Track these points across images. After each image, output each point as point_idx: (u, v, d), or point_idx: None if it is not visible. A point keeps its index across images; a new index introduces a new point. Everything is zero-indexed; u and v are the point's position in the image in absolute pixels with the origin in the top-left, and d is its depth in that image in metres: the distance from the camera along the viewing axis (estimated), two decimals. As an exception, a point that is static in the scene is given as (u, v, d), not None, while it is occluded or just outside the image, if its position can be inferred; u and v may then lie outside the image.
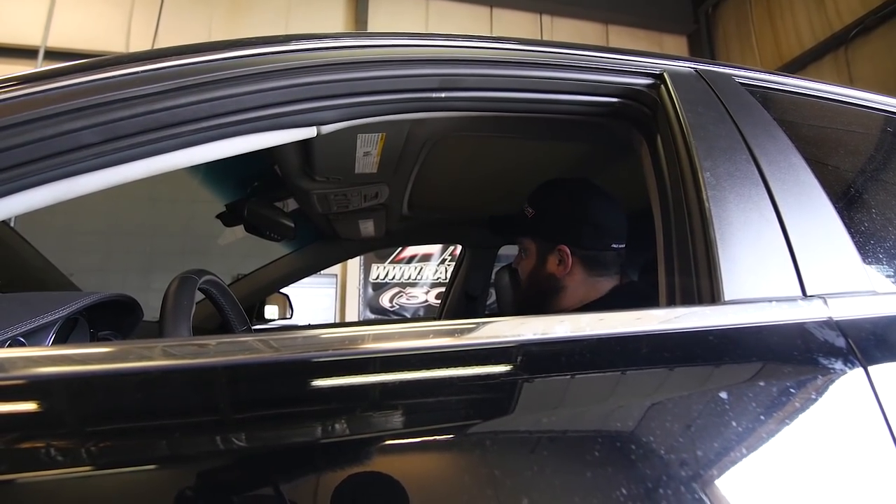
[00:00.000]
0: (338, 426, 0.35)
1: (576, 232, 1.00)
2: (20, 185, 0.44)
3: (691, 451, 0.34)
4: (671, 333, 0.41)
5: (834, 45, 4.65)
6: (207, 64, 0.52)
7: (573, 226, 1.01)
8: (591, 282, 0.99)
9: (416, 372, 0.38)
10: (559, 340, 0.39)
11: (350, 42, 0.60)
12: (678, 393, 0.38)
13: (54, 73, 0.48)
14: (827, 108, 0.78)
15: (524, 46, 0.69)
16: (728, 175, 0.54)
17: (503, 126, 0.90)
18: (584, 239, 1.00)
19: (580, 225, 1.01)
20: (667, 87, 0.67)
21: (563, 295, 0.99)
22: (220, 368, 0.37)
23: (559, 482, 0.32)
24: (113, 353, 0.38)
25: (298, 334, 0.41)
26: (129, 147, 0.48)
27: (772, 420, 0.37)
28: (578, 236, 1.00)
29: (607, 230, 1.00)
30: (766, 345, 0.42)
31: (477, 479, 0.33)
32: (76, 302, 0.53)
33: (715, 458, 0.35)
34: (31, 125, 0.44)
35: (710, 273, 0.47)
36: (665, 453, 0.34)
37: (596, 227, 1.01)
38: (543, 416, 0.36)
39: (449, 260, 5.55)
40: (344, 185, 1.15)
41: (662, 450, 0.34)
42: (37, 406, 0.34)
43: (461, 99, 0.65)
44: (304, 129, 0.60)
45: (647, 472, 0.33)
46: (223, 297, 0.88)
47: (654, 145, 0.66)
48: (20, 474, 0.31)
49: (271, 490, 0.32)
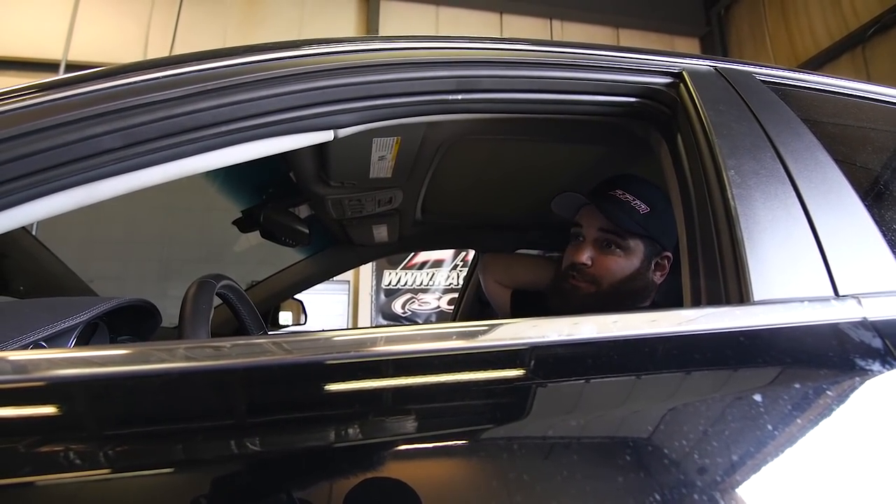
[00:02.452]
0: (352, 429, 0.34)
1: (676, 238, 0.91)
2: (42, 190, 0.45)
3: (726, 456, 0.33)
4: (701, 335, 0.40)
5: (850, 44, 4.58)
6: (227, 69, 0.52)
7: (676, 230, 0.91)
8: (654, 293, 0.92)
9: (431, 374, 0.38)
10: (585, 342, 0.38)
11: (367, 45, 0.60)
12: (710, 395, 0.36)
13: (75, 79, 0.48)
14: (850, 105, 0.76)
15: (540, 47, 0.68)
16: (753, 173, 0.53)
17: (519, 128, 0.89)
18: (674, 250, 0.89)
19: (676, 233, 0.92)
20: (686, 85, 0.66)
21: (643, 303, 0.89)
22: (239, 371, 0.36)
23: (590, 488, 0.31)
24: (130, 355, 0.37)
25: (313, 336, 0.40)
26: (149, 152, 0.48)
27: (810, 423, 0.35)
28: (676, 246, 0.91)
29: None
30: (801, 346, 0.41)
31: (498, 483, 0.32)
32: (97, 307, 0.54)
33: (752, 462, 0.33)
34: (52, 131, 0.44)
35: (738, 273, 0.45)
36: (699, 458, 0.33)
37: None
38: (570, 419, 0.35)
39: (461, 266, 5.54)
40: (358, 190, 1.15)
41: (696, 454, 0.33)
42: (57, 407, 0.34)
43: (477, 101, 0.65)
44: (321, 133, 0.60)
45: (680, 478, 0.32)
46: (240, 302, 0.88)
47: (675, 145, 0.65)
48: (40, 476, 0.31)
49: (286, 490, 0.32)
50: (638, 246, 0.87)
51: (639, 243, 0.87)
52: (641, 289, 0.88)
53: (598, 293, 0.86)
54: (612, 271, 0.86)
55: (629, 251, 0.87)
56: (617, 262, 0.86)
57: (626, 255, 0.87)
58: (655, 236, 0.87)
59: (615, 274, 0.86)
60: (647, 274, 0.88)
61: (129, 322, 0.66)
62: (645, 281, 0.88)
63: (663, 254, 0.89)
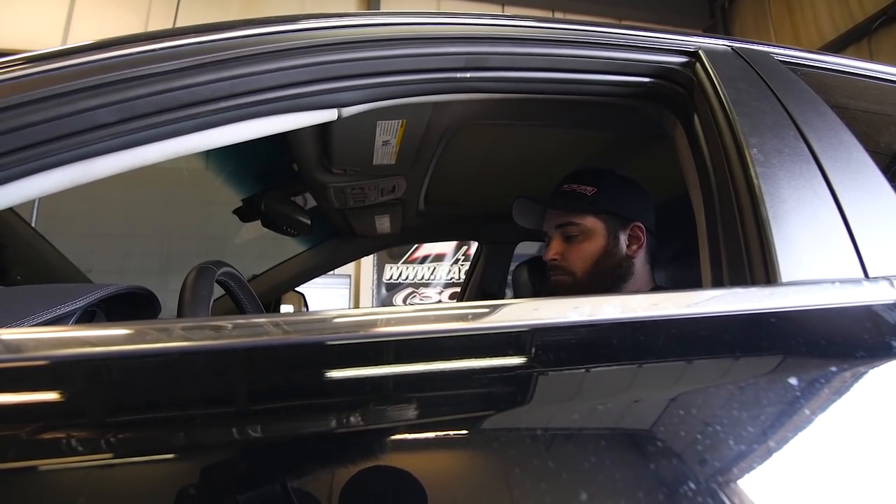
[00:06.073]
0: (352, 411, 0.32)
1: (648, 211, 0.93)
2: (35, 166, 0.43)
3: (763, 441, 0.31)
4: (730, 316, 0.38)
5: (856, 36, 4.53)
6: (226, 41, 0.50)
7: (644, 203, 0.94)
8: (646, 271, 0.93)
9: (433, 358, 0.36)
10: (608, 323, 0.36)
11: (373, 20, 0.58)
12: (744, 379, 0.34)
13: (69, 51, 0.46)
14: (871, 87, 0.74)
15: (551, 24, 0.66)
16: (777, 152, 0.51)
17: (526, 111, 0.87)
18: (650, 220, 0.93)
19: (648, 205, 0.94)
20: (703, 64, 0.64)
21: (631, 281, 0.90)
22: (240, 350, 0.34)
23: (619, 476, 0.29)
24: (127, 335, 0.35)
25: (313, 316, 0.39)
26: (146, 127, 0.46)
27: (850, 406, 0.33)
28: (650, 216, 0.93)
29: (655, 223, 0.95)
30: (834, 328, 0.39)
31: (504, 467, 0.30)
32: (94, 293, 0.52)
33: (790, 446, 0.31)
34: (44, 103, 0.42)
35: (764, 254, 0.43)
36: (734, 443, 0.31)
37: (655, 215, 0.95)
38: (597, 403, 0.33)
39: (462, 260, 5.52)
40: (361, 178, 1.13)
41: (731, 440, 0.31)
42: (53, 387, 0.32)
43: (487, 79, 0.62)
44: (324, 112, 0.57)
45: (716, 465, 0.30)
46: (241, 289, 0.86)
47: (691, 125, 0.62)
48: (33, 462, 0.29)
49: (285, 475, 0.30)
50: (596, 225, 0.90)
51: (596, 222, 0.90)
52: (616, 265, 0.89)
53: (577, 281, 0.89)
54: (581, 258, 0.89)
55: (589, 233, 0.90)
56: (582, 247, 0.89)
57: (588, 237, 0.89)
58: (611, 210, 0.90)
59: (585, 259, 0.89)
60: (618, 249, 0.90)
61: (128, 311, 0.64)
62: (618, 256, 0.90)
63: (631, 225, 0.91)
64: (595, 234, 0.89)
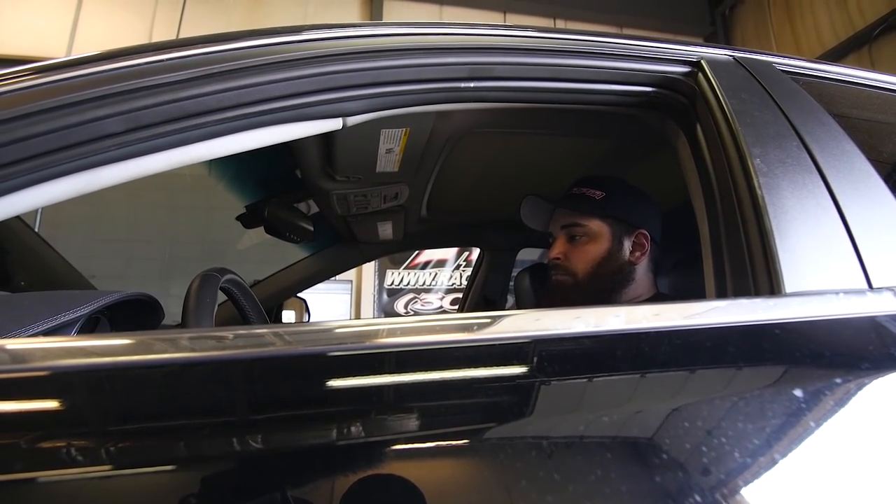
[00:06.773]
0: (353, 422, 0.32)
1: (654, 220, 0.94)
2: (42, 175, 0.43)
3: (768, 453, 0.31)
4: (733, 327, 0.38)
5: (856, 44, 4.54)
6: (233, 52, 0.50)
7: (651, 212, 0.94)
8: (649, 279, 0.93)
9: (436, 368, 0.36)
10: (611, 334, 0.36)
11: (376, 31, 0.59)
12: (748, 390, 0.34)
13: (77, 61, 0.46)
14: (874, 96, 0.74)
15: (554, 34, 0.66)
16: (779, 162, 0.51)
17: (530, 120, 0.88)
18: (656, 230, 0.93)
19: (655, 214, 0.95)
20: (705, 74, 0.64)
21: (631, 287, 0.90)
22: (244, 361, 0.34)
23: (626, 489, 0.29)
24: (131, 345, 0.36)
25: (315, 327, 0.39)
26: (152, 137, 0.46)
27: (855, 417, 0.33)
28: (656, 225, 0.93)
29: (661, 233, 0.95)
30: (839, 339, 0.39)
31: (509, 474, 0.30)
32: (98, 300, 0.52)
33: (795, 458, 0.31)
34: (52, 113, 0.42)
35: (768, 264, 0.43)
36: (739, 455, 0.31)
37: (661, 224, 0.96)
38: (602, 414, 0.33)
39: (464, 265, 5.52)
40: (364, 185, 1.13)
41: (736, 451, 0.31)
42: (55, 397, 0.32)
43: (490, 89, 0.63)
44: (329, 121, 0.58)
45: (721, 477, 0.30)
46: (245, 297, 0.86)
47: (694, 135, 0.63)
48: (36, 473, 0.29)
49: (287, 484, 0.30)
50: (602, 228, 0.90)
51: (602, 226, 0.90)
52: (618, 269, 0.89)
53: (578, 282, 0.89)
54: (584, 259, 0.90)
55: (594, 236, 0.90)
56: (586, 249, 0.90)
57: (593, 240, 0.90)
58: (617, 216, 0.90)
59: (588, 261, 0.89)
60: (621, 254, 0.90)
61: (131, 317, 0.64)
62: (620, 261, 0.90)
63: (636, 232, 0.91)
64: (600, 237, 0.90)
